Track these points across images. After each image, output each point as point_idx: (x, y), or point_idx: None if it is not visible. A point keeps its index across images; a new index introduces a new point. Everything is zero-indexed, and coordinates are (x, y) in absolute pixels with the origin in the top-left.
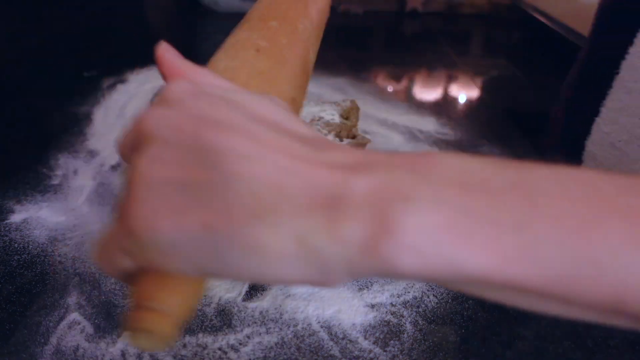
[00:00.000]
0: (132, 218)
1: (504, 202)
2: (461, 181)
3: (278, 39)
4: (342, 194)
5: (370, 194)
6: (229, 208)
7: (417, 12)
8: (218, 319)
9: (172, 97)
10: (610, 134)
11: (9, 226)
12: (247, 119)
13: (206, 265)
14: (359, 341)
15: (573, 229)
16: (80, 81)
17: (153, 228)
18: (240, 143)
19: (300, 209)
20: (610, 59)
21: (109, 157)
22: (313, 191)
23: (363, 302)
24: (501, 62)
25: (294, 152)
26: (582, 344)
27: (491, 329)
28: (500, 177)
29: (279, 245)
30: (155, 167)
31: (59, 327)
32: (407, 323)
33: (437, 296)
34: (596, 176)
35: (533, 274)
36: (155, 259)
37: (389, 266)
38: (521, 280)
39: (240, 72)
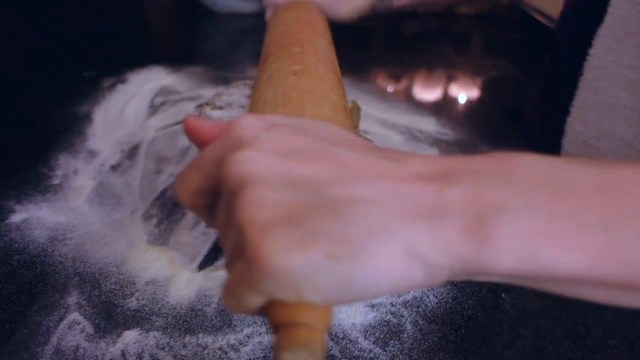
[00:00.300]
0: (261, 262)
1: (591, 203)
2: (547, 184)
3: (308, 60)
4: (440, 205)
5: (465, 204)
6: (345, 233)
7: (417, 12)
8: (218, 319)
9: (245, 136)
10: (582, 132)
11: (9, 226)
12: (323, 143)
13: (335, 292)
14: (359, 341)
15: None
16: (80, 81)
17: (283, 268)
18: (330, 169)
19: (406, 224)
20: (573, 60)
21: (109, 157)
22: (413, 206)
23: (363, 302)
24: (501, 62)
25: (382, 170)
26: (582, 344)
27: (491, 329)
28: (585, 178)
29: (393, 259)
30: (261, 211)
31: (59, 327)
32: (407, 323)
33: (437, 296)
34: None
35: (621, 271)
36: (288, 295)
37: (486, 271)
38: (610, 277)
39: (290, 94)
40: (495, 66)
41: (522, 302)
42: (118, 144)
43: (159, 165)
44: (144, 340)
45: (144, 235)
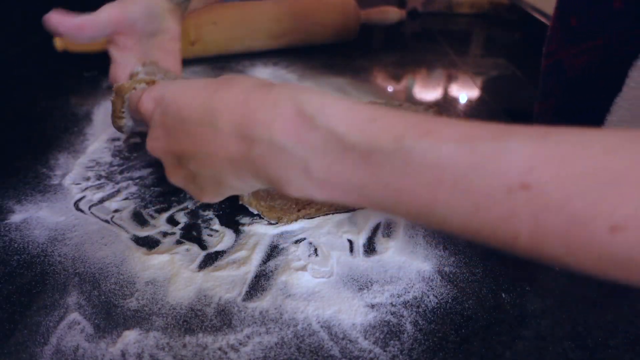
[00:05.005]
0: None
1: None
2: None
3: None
4: (249, 165)
5: (264, 164)
6: (206, 188)
7: (417, 12)
8: (218, 319)
9: (147, 116)
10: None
11: (9, 226)
12: (182, 121)
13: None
14: (359, 341)
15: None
16: (80, 81)
17: (202, 200)
18: (188, 145)
19: (233, 177)
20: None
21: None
22: (237, 167)
23: (363, 302)
24: (501, 62)
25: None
26: (582, 344)
27: (491, 329)
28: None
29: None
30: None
31: (58, 327)
32: (407, 323)
33: (437, 296)
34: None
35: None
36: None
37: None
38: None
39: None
40: (495, 66)
41: (522, 302)
42: (118, 143)
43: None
44: (144, 341)
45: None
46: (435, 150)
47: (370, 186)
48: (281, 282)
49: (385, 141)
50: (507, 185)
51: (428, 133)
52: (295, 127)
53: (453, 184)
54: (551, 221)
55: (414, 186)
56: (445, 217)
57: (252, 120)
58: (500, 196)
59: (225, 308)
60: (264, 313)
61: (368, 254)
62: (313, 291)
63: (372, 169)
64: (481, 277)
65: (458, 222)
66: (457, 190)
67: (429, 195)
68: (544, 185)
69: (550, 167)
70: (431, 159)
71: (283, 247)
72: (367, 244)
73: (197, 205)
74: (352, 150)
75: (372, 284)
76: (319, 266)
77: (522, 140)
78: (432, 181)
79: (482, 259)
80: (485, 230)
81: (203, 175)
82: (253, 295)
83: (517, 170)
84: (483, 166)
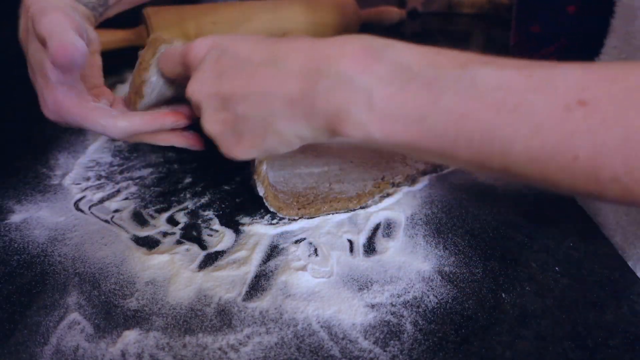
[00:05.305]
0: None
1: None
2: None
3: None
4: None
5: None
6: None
7: (417, 12)
8: (218, 319)
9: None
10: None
11: (9, 226)
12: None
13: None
14: (359, 341)
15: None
16: None
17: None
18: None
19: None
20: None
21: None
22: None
23: (363, 302)
24: None
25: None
26: (582, 344)
27: (491, 329)
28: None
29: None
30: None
31: (58, 327)
32: (407, 323)
33: (437, 296)
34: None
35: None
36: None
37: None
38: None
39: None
40: None
41: (522, 302)
42: (118, 144)
43: None
44: (144, 341)
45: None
46: (497, 75)
47: (432, 115)
48: (281, 282)
49: (449, 68)
50: (565, 103)
51: (489, 62)
52: (362, 59)
53: (515, 105)
54: (609, 136)
55: (477, 110)
56: (507, 141)
57: (320, 56)
58: (559, 115)
59: (225, 308)
60: (264, 313)
61: (368, 254)
62: (313, 291)
63: (436, 96)
64: (481, 277)
65: (519, 146)
66: (519, 111)
67: (492, 119)
68: (599, 101)
69: (603, 84)
70: (494, 82)
71: (283, 247)
72: (367, 244)
73: (197, 205)
74: (416, 80)
75: (372, 284)
76: (319, 266)
77: (572, 66)
78: (495, 103)
79: (482, 259)
80: (546, 153)
81: (250, 118)
82: (253, 295)
83: (573, 89)
84: (542, 87)
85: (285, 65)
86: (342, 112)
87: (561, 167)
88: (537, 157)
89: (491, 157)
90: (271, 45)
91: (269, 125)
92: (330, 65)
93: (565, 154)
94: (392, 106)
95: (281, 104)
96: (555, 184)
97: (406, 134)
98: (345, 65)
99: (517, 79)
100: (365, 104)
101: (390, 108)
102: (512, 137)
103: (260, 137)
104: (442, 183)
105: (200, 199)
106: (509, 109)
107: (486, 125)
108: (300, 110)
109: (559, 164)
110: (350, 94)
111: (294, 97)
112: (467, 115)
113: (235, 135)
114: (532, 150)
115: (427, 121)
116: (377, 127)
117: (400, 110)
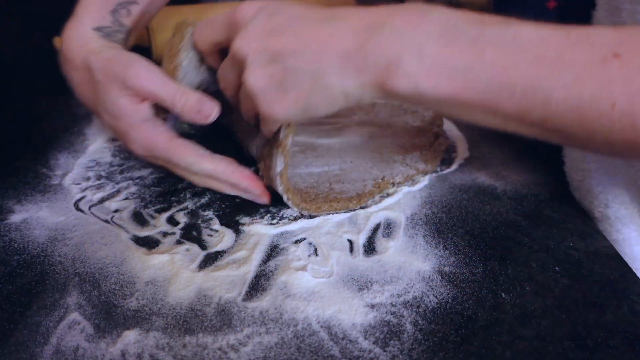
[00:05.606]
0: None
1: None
2: (440, 36)
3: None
4: (363, 58)
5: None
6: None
7: None
8: (218, 319)
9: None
10: None
11: (9, 226)
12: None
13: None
14: (359, 341)
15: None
16: None
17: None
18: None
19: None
20: None
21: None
22: (347, 60)
23: (363, 302)
24: None
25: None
26: (582, 344)
27: (491, 329)
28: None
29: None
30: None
31: (58, 327)
32: (407, 323)
33: (437, 296)
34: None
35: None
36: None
37: (390, 95)
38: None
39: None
40: None
41: (522, 302)
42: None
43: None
44: (144, 341)
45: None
46: (537, 31)
47: (477, 67)
48: (281, 282)
49: (492, 25)
50: (601, 56)
51: (526, 23)
52: (413, 18)
53: (555, 57)
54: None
55: (519, 62)
56: (548, 91)
57: (375, 16)
58: (597, 66)
59: (225, 308)
60: (264, 313)
61: (368, 254)
62: (313, 291)
63: (480, 50)
64: (481, 277)
65: (559, 95)
66: (559, 63)
67: (534, 70)
68: (633, 53)
69: (635, 39)
70: (535, 37)
71: (283, 247)
72: (367, 244)
73: (197, 205)
74: (462, 36)
75: (372, 284)
76: (319, 266)
77: (604, 27)
78: (537, 56)
79: (482, 259)
80: (584, 101)
81: (300, 73)
82: (253, 295)
83: (608, 44)
84: (579, 43)
85: (343, 22)
86: (392, 64)
87: (599, 115)
88: (577, 105)
89: (532, 108)
90: (325, 8)
91: (318, 80)
92: (384, 23)
93: (603, 101)
94: (440, 58)
95: (335, 58)
96: (592, 133)
97: (451, 85)
98: (398, 22)
99: (556, 35)
100: (415, 56)
101: (438, 60)
102: (553, 87)
103: (306, 92)
104: (442, 183)
105: (200, 199)
106: (550, 61)
107: (528, 76)
108: (353, 65)
109: (598, 112)
110: (401, 47)
111: (349, 52)
112: (510, 67)
113: (279, 90)
114: (572, 99)
115: (471, 73)
116: (425, 79)
117: (447, 62)
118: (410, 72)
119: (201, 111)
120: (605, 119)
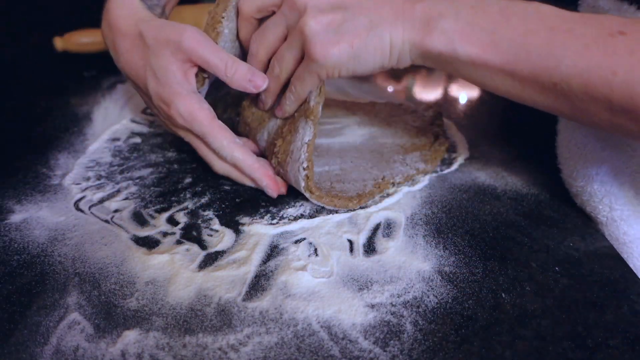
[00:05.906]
0: (317, 55)
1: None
2: (475, 5)
3: None
4: (410, 14)
5: (423, 13)
6: (358, 32)
7: None
8: (218, 319)
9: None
10: None
11: (9, 226)
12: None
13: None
14: (359, 341)
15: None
16: (81, 81)
17: (327, 56)
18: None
19: (391, 24)
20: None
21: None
22: (397, 14)
23: (363, 302)
24: None
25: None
26: (582, 344)
27: (491, 329)
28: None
29: (382, 42)
30: (317, 27)
31: (58, 327)
32: (407, 323)
33: (437, 296)
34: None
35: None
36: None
37: (427, 50)
38: (492, 63)
39: None
40: None
41: (522, 302)
42: (118, 143)
43: None
44: (144, 341)
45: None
46: (555, 9)
47: (502, 30)
48: (281, 282)
49: (519, 1)
50: (608, 31)
51: (548, 5)
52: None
53: (569, 28)
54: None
55: (537, 29)
56: (559, 57)
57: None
58: (604, 38)
59: (225, 308)
60: (264, 313)
61: (368, 254)
62: (313, 291)
63: (506, 17)
64: (481, 277)
65: (568, 61)
66: (571, 33)
67: (549, 37)
68: (637, 32)
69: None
70: (553, 12)
71: (283, 247)
72: (367, 244)
73: (197, 205)
74: (492, 6)
75: (372, 284)
76: (319, 266)
77: (611, 14)
78: (553, 26)
79: (482, 259)
80: (590, 68)
81: (358, 20)
82: (253, 295)
83: (615, 24)
84: (590, 20)
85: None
86: (433, 20)
87: (602, 82)
88: (582, 71)
89: (544, 71)
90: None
91: (374, 27)
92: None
93: (606, 69)
94: (473, 19)
95: (389, 10)
96: (595, 100)
97: (480, 43)
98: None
99: (570, 13)
100: (453, 17)
101: (471, 21)
102: (564, 53)
103: (361, 39)
104: (442, 183)
105: (200, 199)
106: (563, 31)
107: (543, 42)
108: (402, 18)
109: (600, 79)
110: (443, 10)
111: (401, 7)
112: (529, 33)
113: (336, 35)
114: (579, 66)
115: (497, 34)
116: (459, 36)
117: (478, 23)
118: (447, 29)
119: (252, 80)
120: (607, 86)
